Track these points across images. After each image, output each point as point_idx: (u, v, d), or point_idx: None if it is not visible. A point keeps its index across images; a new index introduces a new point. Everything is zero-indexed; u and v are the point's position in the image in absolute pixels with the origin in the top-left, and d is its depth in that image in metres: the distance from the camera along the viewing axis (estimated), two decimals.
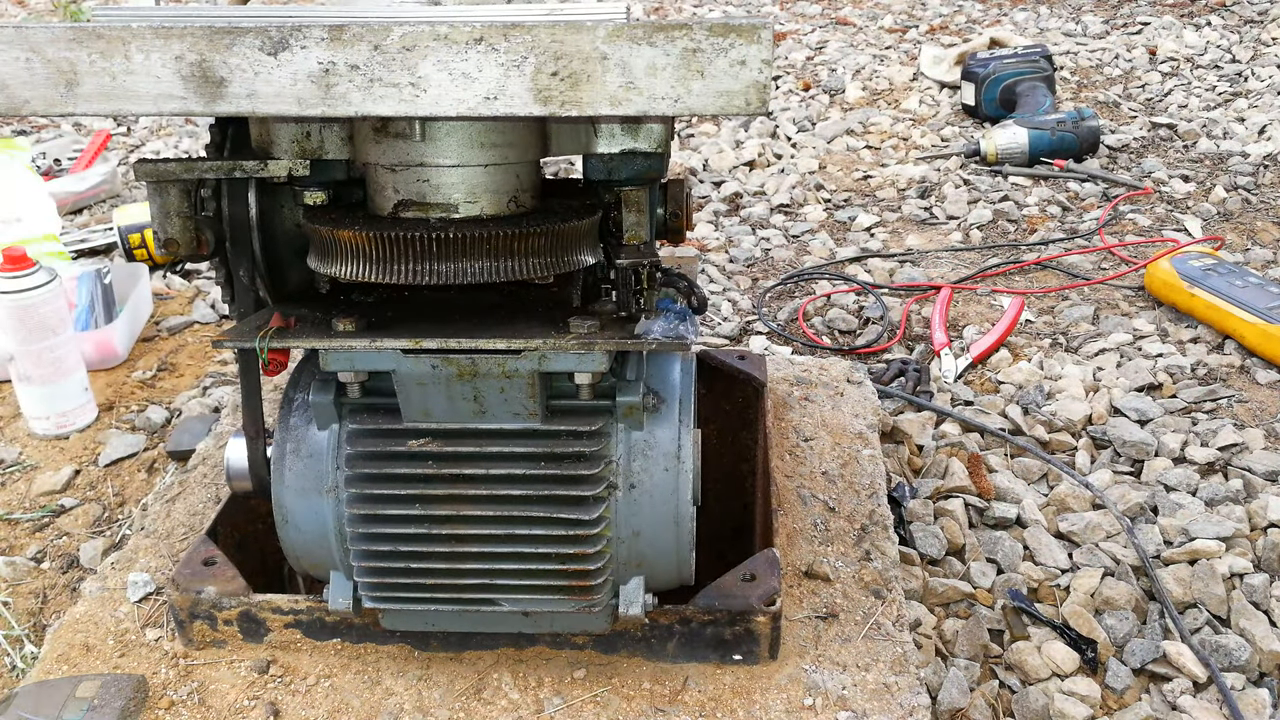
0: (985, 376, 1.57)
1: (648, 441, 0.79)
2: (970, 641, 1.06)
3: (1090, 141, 2.39)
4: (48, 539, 1.26)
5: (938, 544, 1.18)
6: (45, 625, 1.13)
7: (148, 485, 1.33)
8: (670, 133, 0.77)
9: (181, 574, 0.89)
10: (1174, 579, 1.12)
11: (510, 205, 0.73)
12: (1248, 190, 2.19)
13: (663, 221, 0.82)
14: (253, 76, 0.56)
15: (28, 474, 1.36)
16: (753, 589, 0.85)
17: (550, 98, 0.56)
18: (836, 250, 2.03)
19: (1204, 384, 1.50)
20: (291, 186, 0.76)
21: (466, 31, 0.55)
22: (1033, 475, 1.33)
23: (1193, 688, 1.01)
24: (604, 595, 0.82)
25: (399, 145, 0.70)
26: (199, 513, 1.06)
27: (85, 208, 2.30)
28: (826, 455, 1.12)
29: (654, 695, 0.84)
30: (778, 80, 3.04)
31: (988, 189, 2.27)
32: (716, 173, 2.40)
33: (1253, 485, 1.27)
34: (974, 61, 2.67)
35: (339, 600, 0.83)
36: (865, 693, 0.83)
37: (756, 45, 0.55)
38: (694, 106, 0.57)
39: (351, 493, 0.77)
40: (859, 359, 1.65)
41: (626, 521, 0.80)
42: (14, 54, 0.56)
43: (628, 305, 0.74)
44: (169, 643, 0.90)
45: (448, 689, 0.85)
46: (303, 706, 0.84)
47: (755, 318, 1.79)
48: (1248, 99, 2.71)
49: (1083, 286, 1.84)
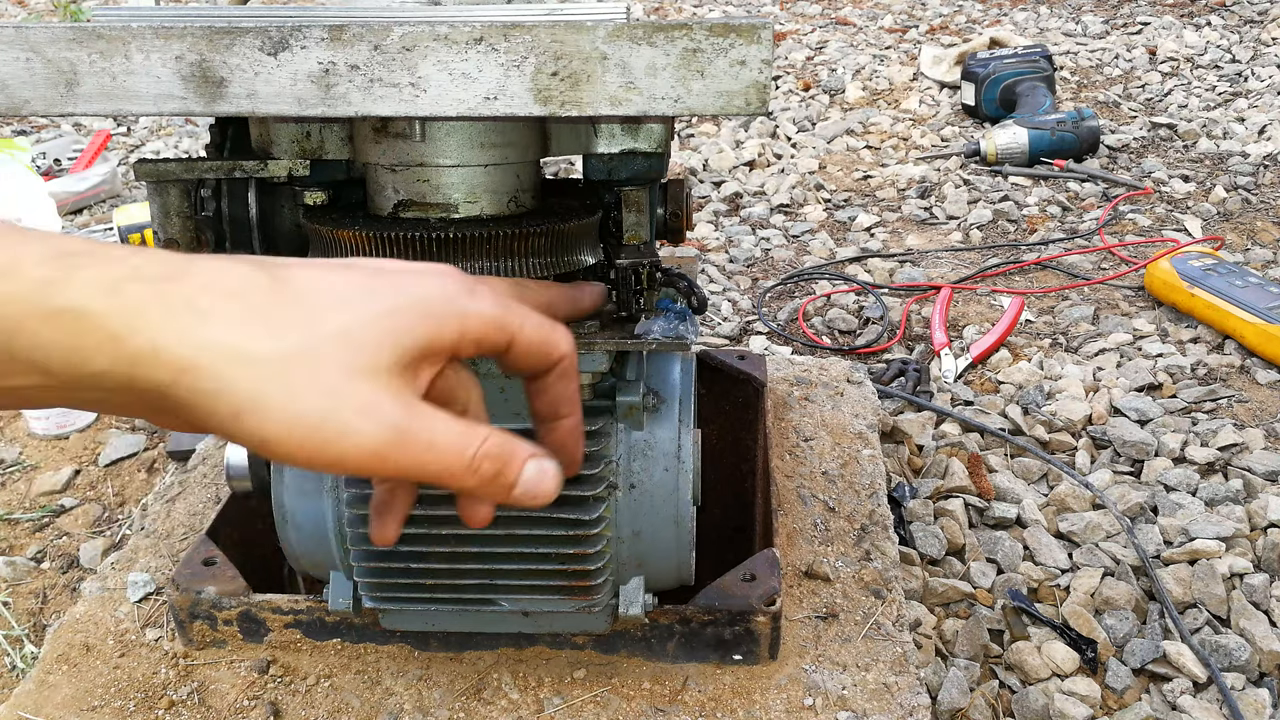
0: (985, 376, 1.57)
1: (648, 441, 0.79)
2: (970, 641, 1.06)
3: (1090, 141, 2.39)
4: (48, 539, 1.26)
5: (938, 544, 1.18)
6: (45, 625, 1.13)
7: (148, 485, 1.33)
8: (670, 133, 0.77)
9: (181, 574, 0.89)
10: (1174, 579, 1.12)
11: (510, 205, 0.73)
12: (1248, 190, 2.19)
13: (663, 221, 0.82)
14: (253, 77, 0.56)
15: (28, 474, 1.36)
16: (753, 589, 0.85)
17: (550, 98, 0.56)
18: (836, 250, 2.03)
19: (1204, 384, 1.50)
20: (291, 186, 0.76)
21: (466, 31, 0.55)
22: (1033, 475, 1.33)
23: (1193, 688, 1.01)
24: (604, 595, 0.82)
25: (399, 145, 0.70)
26: (199, 513, 1.06)
27: (85, 208, 2.30)
28: (826, 455, 1.12)
29: (654, 695, 0.84)
30: (778, 80, 3.04)
31: (988, 189, 2.27)
32: (716, 173, 2.40)
33: (1253, 485, 1.27)
34: (974, 61, 2.67)
35: (339, 600, 0.83)
36: (865, 693, 0.83)
37: (757, 45, 0.55)
38: (694, 106, 0.57)
39: (352, 493, 0.77)
40: (859, 359, 1.65)
41: (626, 521, 0.80)
42: (14, 54, 0.56)
43: (628, 305, 0.74)
44: (169, 643, 0.90)
45: (448, 689, 0.85)
46: (303, 706, 0.84)
47: (755, 318, 1.79)
48: (1248, 99, 2.71)
49: (1083, 286, 1.84)
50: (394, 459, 0.40)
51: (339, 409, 0.39)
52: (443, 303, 0.44)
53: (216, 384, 0.37)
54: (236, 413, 0.38)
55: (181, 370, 0.37)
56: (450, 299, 0.44)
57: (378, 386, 0.40)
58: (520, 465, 0.45)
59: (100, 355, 0.36)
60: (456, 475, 0.43)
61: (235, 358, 0.38)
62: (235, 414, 0.38)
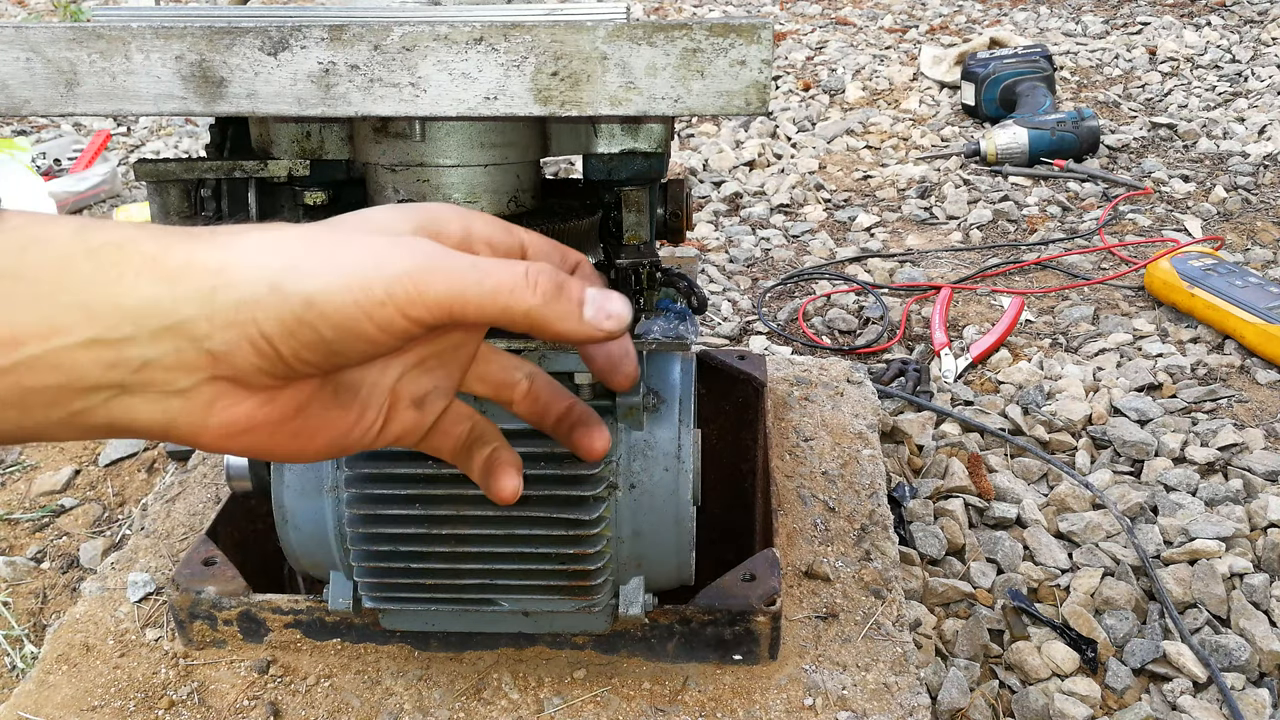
0: (985, 376, 1.57)
1: (648, 441, 0.79)
2: (970, 641, 1.06)
3: (1090, 141, 2.39)
4: (48, 539, 1.26)
5: (938, 544, 1.18)
6: (45, 625, 1.13)
7: (148, 485, 1.33)
8: (670, 133, 0.77)
9: (181, 574, 0.89)
10: (1174, 579, 1.12)
11: (510, 205, 0.73)
12: (1248, 190, 2.19)
13: (663, 221, 0.82)
14: (253, 76, 0.56)
15: (28, 474, 1.36)
16: (753, 589, 0.85)
17: (550, 98, 0.56)
18: (836, 250, 2.03)
19: (1204, 384, 1.50)
20: (291, 186, 0.76)
21: (466, 31, 0.55)
22: (1033, 475, 1.33)
23: (1193, 688, 1.01)
24: (604, 595, 0.82)
25: (399, 145, 0.70)
26: (199, 513, 1.06)
27: (85, 208, 2.30)
28: (826, 455, 1.12)
29: (654, 695, 0.84)
30: (778, 80, 3.04)
31: (988, 189, 2.27)
32: (716, 173, 2.40)
33: (1253, 485, 1.27)
34: (974, 61, 2.67)
35: (339, 600, 0.83)
36: (865, 693, 0.83)
37: (757, 45, 0.55)
38: (694, 106, 0.57)
39: (352, 493, 0.77)
40: (859, 359, 1.65)
41: (626, 521, 0.80)
42: (14, 54, 0.56)
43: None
44: (169, 643, 0.90)
45: (448, 689, 0.85)
46: (303, 706, 0.84)
47: (755, 318, 1.79)
48: (1248, 99, 2.71)
49: (1083, 286, 1.84)
50: (439, 284, 0.38)
51: (373, 251, 0.38)
52: (447, 209, 0.45)
53: (253, 270, 0.37)
54: (275, 284, 0.37)
55: (218, 271, 0.37)
56: (455, 209, 0.45)
57: (403, 237, 0.41)
58: (579, 286, 0.42)
59: (141, 281, 0.36)
60: (516, 291, 0.39)
61: (268, 246, 0.38)
62: (273, 285, 0.37)
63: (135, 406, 0.38)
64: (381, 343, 0.39)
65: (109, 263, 0.36)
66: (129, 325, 0.36)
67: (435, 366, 0.47)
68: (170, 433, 0.39)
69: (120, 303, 0.36)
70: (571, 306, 0.41)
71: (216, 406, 0.39)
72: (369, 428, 0.45)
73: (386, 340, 0.39)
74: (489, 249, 0.44)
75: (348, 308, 0.37)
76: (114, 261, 0.36)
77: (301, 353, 0.38)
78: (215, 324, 0.37)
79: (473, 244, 0.44)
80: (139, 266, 0.37)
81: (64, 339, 0.36)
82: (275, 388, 0.40)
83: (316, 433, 0.43)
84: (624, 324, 0.42)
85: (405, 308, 0.38)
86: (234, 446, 0.41)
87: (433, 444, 0.50)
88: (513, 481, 0.51)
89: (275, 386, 0.40)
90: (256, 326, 0.37)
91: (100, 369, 0.37)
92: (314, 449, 0.43)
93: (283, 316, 0.37)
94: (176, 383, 0.38)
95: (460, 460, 0.52)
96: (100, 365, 0.37)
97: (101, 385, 0.37)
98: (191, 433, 0.39)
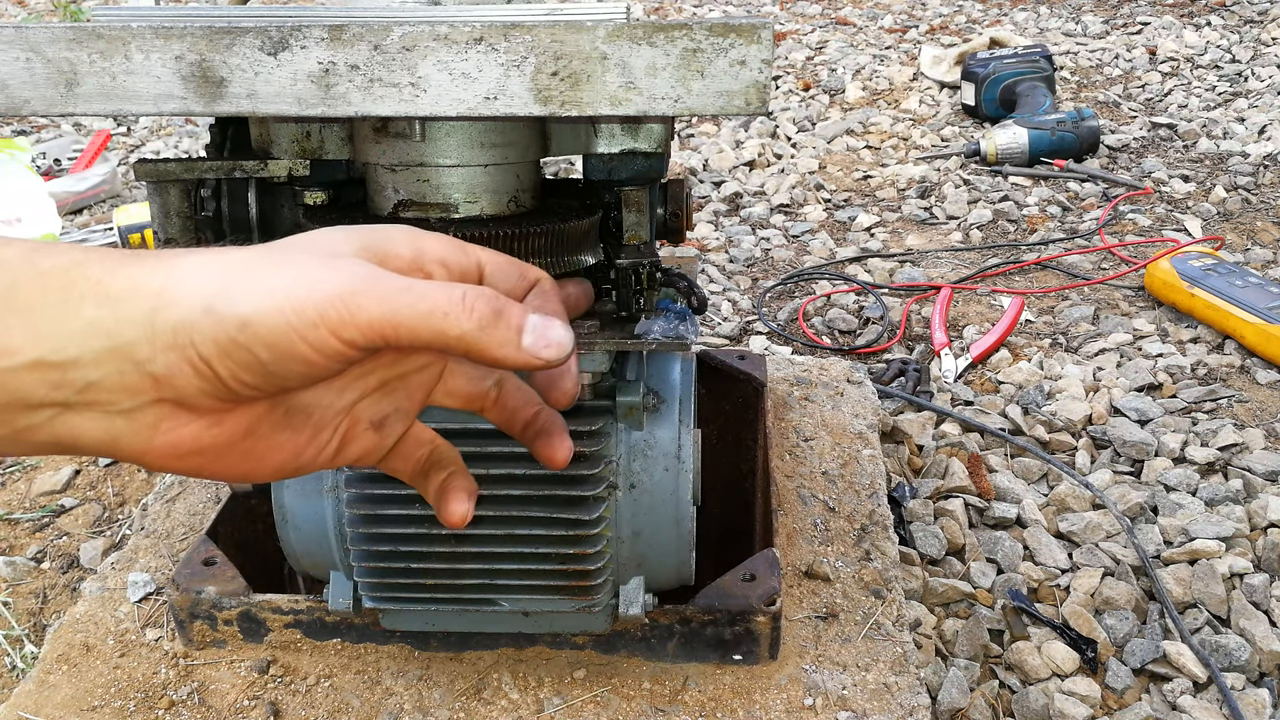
0: (985, 376, 1.57)
1: (648, 441, 0.79)
2: (970, 641, 1.06)
3: (1090, 141, 2.39)
4: (48, 539, 1.26)
5: (938, 544, 1.18)
6: (45, 625, 1.13)
7: (148, 485, 1.33)
8: (670, 133, 0.77)
9: (181, 574, 0.89)
10: (1174, 579, 1.12)
11: (510, 205, 0.73)
12: (1248, 190, 2.19)
13: (663, 221, 0.82)
14: (253, 76, 0.56)
15: (28, 474, 1.36)
16: (753, 589, 0.85)
17: (550, 98, 0.56)
18: (836, 250, 2.03)
19: (1204, 384, 1.51)
20: (291, 186, 0.76)
21: (466, 31, 0.55)
22: (1033, 475, 1.33)
23: (1193, 688, 1.01)
24: (604, 595, 0.82)
25: (399, 145, 0.70)
26: (199, 513, 1.06)
27: (85, 208, 2.30)
28: (826, 455, 1.12)
29: (654, 695, 0.84)
30: (778, 80, 3.04)
31: (988, 189, 2.27)
32: (716, 173, 2.40)
33: (1253, 485, 1.27)
34: (974, 61, 2.67)
35: (339, 600, 0.83)
36: (865, 693, 0.83)
37: (757, 45, 0.55)
38: (694, 106, 0.57)
39: (351, 493, 0.77)
40: (859, 359, 1.65)
41: (626, 521, 0.80)
42: (14, 54, 0.56)
43: (628, 305, 0.74)
44: (169, 643, 0.90)
45: (448, 689, 0.85)
46: (303, 706, 0.84)
47: (755, 318, 1.79)
48: (1248, 99, 2.71)
49: (1083, 286, 1.84)
50: (371, 306, 0.38)
51: (308, 273, 0.39)
52: (399, 230, 0.45)
53: (190, 291, 0.38)
54: (209, 305, 0.37)
55: (158, 293, 0.37)
56: (406, 230, 0.45)
57: (342, 259, 0.41)
58: (520, 312, 0.41)
59: (86, 304, 0.37)
60: (451, 315, 0.39)
61: (207, 268, 0.39)
62: (208, 307, 0.37)
63: (79, 425, 0.38)
64: (318, 364, 0.39)
65: (56, 286, 0.37)
66: (74, 347, 0.37)
67: (397, 389, 0.47)
68: (115, 451, 0.39)
69: (66, 325, 0.37)
70: (509, 334, 0.41)
71: (162, 428, 0.39)
72: (322, 449, 0.44)
73: (323, 362, 0.39)
74: (444, 269, 0.44)
75: (280, 329, 0.37)
76: (61, 285, 0.37)
77: (239, 374, 0.38)
78: (156, 346, 0.37)
79: (425, 265, 0.44)
80: (84, 290, 0.37)
81: (10, 360, 0.36)
82: (222, 410, 0.40)
83: (267, 455, 0.43)
84: (565, 352, 0.42)
85: (337, 329, 0.38)
86: (181, 467, 0.41)
87: (391, 465, 0.50)
88: (462, 507, 0.51)
89: (222, 409, 0.40)
90: (194, 348, 0.37)
91: (45, 389, 0.37)
92: (265, 470, 0.43)
93: (218, 338, 0.37)
94: (120, 404, 0.38)
95: (417, 482, 0.52)
96: (45, 385, 0.37)
97: (46, 404, 0.37)
98: (136, 453, 0.39)
